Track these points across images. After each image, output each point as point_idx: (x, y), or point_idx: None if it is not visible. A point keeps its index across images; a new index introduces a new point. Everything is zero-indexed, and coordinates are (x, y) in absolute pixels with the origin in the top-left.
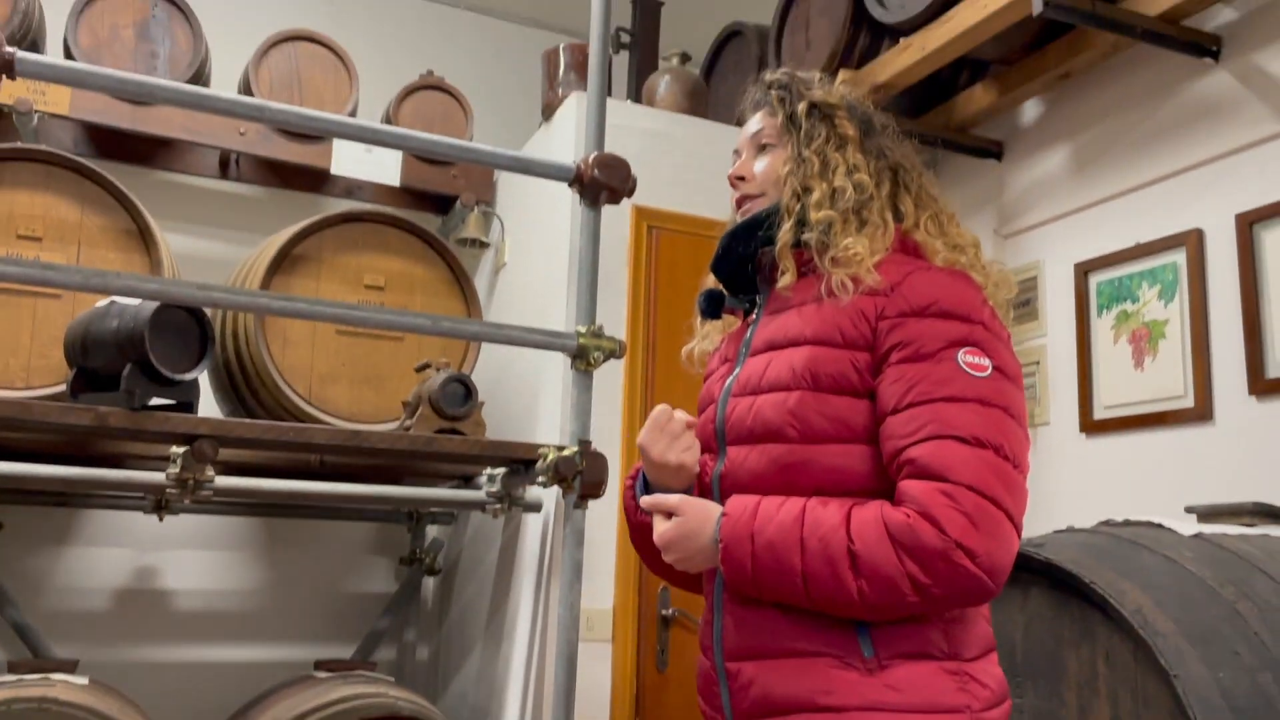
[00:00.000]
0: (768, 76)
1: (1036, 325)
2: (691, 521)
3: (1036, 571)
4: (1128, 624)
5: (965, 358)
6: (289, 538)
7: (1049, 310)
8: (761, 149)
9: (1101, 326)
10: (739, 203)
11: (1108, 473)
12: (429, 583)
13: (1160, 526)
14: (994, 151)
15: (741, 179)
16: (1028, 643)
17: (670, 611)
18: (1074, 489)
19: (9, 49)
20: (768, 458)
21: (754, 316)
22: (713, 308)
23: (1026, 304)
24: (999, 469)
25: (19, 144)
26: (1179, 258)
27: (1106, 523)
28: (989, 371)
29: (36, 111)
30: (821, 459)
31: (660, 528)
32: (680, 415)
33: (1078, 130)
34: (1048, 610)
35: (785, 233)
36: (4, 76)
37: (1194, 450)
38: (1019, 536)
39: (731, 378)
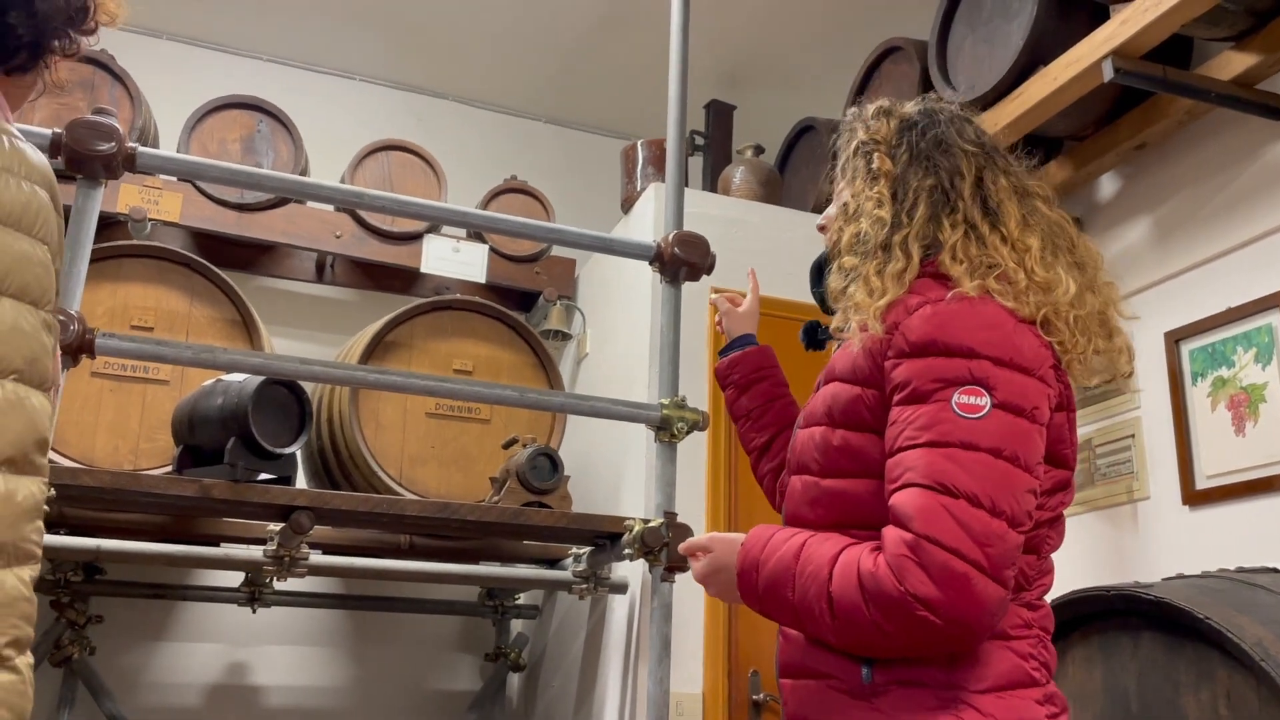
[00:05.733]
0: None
1: (1129, 398)
2: (721, 556)
3: (1146, 614)
4: (1249, 657)
5: (959, 398)
6: (376, 633)
7: (1142, 382)
8: (841, 195)
9: (1197, 395)
10: None
11: (1214, 543)
12: (514, 679)
13: (1277, 571)
14: None
15: (823, 229)
16: (1143, 691)
17: (762, 696)
18: (1180, 562)
19: (131, 144)
20: (802, 487)
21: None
22: (811, 339)
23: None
24: (968, 519)
25: (134, 241)
26: (1274, 319)
27: (1219, 570)
28: (985, 411)
29: (150, 220)
30: (837, 492)
31: (694, 566)
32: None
33: (1157, 200)
34: (1161, 655)
35: (833, 278)
36: (122, 186)
37: None
38: (999, 584)
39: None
